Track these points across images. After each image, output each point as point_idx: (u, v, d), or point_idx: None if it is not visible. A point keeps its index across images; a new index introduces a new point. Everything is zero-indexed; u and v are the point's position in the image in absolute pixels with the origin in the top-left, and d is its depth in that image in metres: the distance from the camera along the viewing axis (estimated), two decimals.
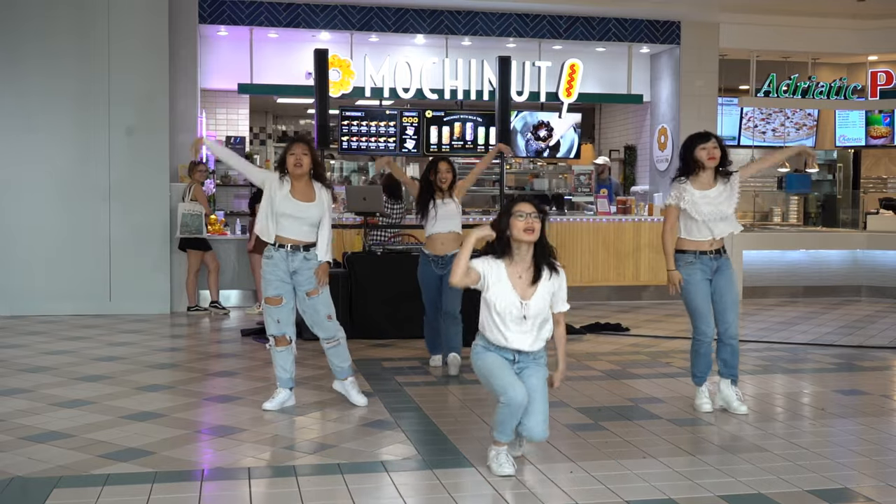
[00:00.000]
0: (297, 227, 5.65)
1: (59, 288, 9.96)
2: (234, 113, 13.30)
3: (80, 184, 10.03)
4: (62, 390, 6.26)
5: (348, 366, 5.90)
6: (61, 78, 9.97)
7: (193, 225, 10.03)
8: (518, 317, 4.40)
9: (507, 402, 4.32)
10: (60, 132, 10.00)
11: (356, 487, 4.26)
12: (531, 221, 4.38)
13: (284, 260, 5.65)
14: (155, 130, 10.18)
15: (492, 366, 4.43)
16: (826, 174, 15.02)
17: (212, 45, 11.70)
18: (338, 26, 11.27)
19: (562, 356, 4.62)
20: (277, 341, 5.78)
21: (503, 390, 4.33)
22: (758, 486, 4.31)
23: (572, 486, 4.30)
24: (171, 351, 8.13)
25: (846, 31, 12.55)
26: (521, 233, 4.39)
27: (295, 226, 5.64)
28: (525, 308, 4.40)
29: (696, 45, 12.11)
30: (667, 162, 12.33)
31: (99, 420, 5.45)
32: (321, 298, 5.77)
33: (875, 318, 10.37)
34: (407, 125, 11.69)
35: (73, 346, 8.03)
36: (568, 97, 12.02)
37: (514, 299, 4.40)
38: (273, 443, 5.02)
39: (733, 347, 5.74)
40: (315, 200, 5.66)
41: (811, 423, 5.65)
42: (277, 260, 5.65)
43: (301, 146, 5.64)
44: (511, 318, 4.41)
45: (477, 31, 11.62)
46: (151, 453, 4.77)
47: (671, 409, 5.86)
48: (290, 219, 5.61)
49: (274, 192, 5.62)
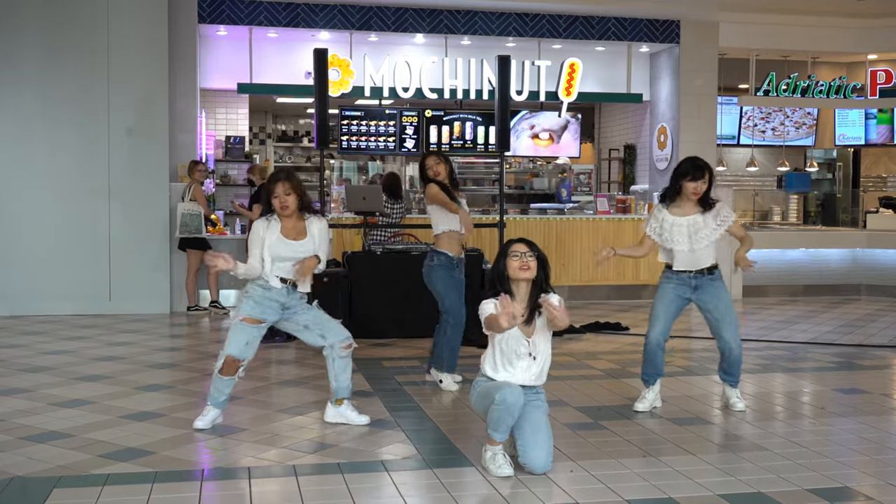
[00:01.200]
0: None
1: (59, 288, 9.96)
2: (233, 112, 13.30)
3: (79, 183, 10.03)
4: (62, 390, 6.26)
5: (350, 381, 5.55)
6: (60, 77, 9.97)
7: (192, 225, 10.03)
8: (525, 354, 4.50)
9: (500, 402, 4.32)
10: (60, 132, 10.00)
11: (356, 487, 4.26)
12: (526, 260, 4.47)
13: (284, 295, 5.37)
14: (154, 130, 10.18)
15: (489, 385, 4.48)
16: (826, 173, 15.04)
17: (211, 45, 11.70)
18: (337, 26, 11.27)
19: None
20: (226, 367, 5.28)
21: (497, 391, 4.35)
22: (758, 484, 4.31)
23: (572, 486, 4.30)
24: (171, 351, 8.13)
25: (846, 30, 12.55)
26: (516, 271, 4.48)
27: (291, 265, 5.37)
28: (532, 346, 4.49)
29: (695, 45, 12.12)
30: (666, 161, 12.33)
31: (99, 420, 5.45)
32: (315, 308, 5.54)
33: (875, 316, 10.38)
34: (406, 125, 11.67)
35: (72, 346, 8.03)
36: (567, 96, 12.02)
37: (520, 338, 4.48)
38: (273, 442, 5.02)
39: (736, 359, 5.77)
40: (307, 237, 5.40)
41: (811, 422, 5.65)
42: (276, 294, 5.34)
43: (283, 185, 5.31)
44: (517, 356, 4.50)
45: (476, 31, 11.63)
46: (151, 453, 4.77)
47: (671, 408, 5.86)
48: (286, 260, 5.34)
49: (264, 235, 5.33)
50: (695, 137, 12.08)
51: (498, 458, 4.45)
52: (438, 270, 6.41)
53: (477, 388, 4.58)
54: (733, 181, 14.59)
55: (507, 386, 4.37)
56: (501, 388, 4.36)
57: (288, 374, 7.14)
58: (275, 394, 6.34)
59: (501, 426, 4.39)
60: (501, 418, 4.36)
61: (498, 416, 4.36)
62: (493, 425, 4.40)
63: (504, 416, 4.36)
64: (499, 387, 4.39)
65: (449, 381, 6.39)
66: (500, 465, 4.42)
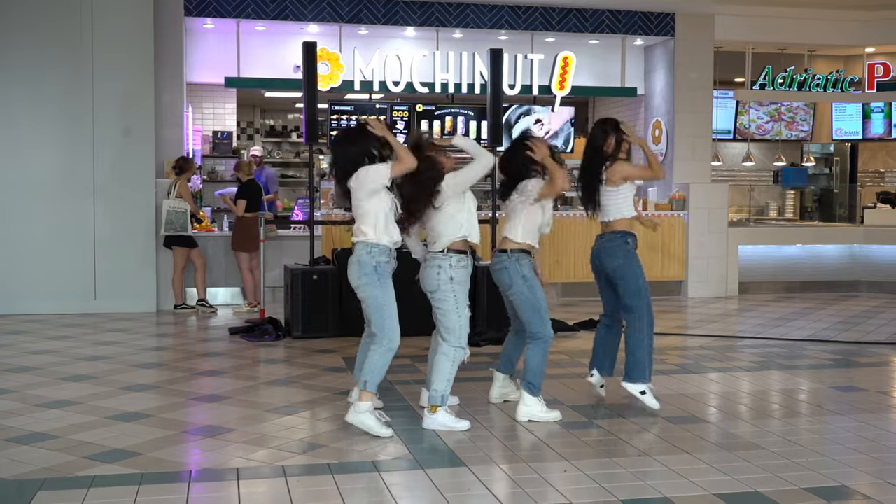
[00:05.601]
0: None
1: (43, 286, 9.93)
2: (220, 107, 13.26)
3: (63, 180, 9.99)
4: (47, 391, 6.24)
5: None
6: (44, 71, 9.92)
7: (178, 222, 10.01)
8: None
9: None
10: (44, 127, 9.96)
11: (347, 488, 4.26)
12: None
13: (471, 266, 5.54)
14: (140, 126, 10.14)
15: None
16: (823, 168, 15.08)
17: (198, 39, 11.66)
18: (326, 19, 11.24)
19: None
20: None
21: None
22: (754, 483, 4.33)
23: (566, 486, 4.31)
24: (158, 350, 8.11)
25: (843, 23, 12.58)
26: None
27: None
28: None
29: (690, 37, 12.13)
30: (661, 156, 12.34)
31: (84, 421, 5.44)
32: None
33: (873, 313, 10.42)
34: (397, 119, 11.68)
35: (57, 346, 8.01)
36: (561, 90, 12.02)
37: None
38: (262, 443, 5.02)
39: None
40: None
41: (808, 420, 5.67)
42: (470, 266, 5.50)
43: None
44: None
45: (468, 24, 11.61)
46: (138, 454, 4.77)
47: (666, 406, 5.87)
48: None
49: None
50: (690, 132, 12.09)
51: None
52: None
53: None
54: (729, 176, 14.63)
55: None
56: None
57: (277, 373, 7.14)
58: (263, 393, 6.34)
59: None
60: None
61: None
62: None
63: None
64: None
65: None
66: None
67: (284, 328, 8.63)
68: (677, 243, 11.79)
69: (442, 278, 5.36)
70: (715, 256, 11.87)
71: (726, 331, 9.17)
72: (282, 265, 9.64)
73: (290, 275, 8.58)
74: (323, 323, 8.47)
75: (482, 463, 4.67)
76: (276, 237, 10.56)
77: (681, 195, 11.91)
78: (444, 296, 5.36)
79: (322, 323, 8.47)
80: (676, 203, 11.88)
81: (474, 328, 8.30)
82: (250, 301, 10.33)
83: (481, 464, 4.65)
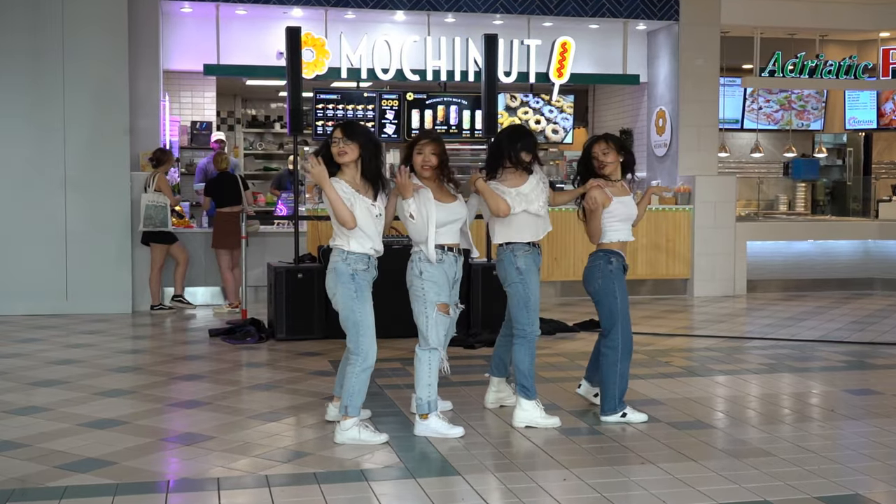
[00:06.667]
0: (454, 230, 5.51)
1: (11, 286, 9.89)
2: (199, 96, 13.24)
3: (33, 173, 9.95)
4: (15, 396, 6.23)
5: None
6: (11, 56, 9.87)
7: (158, 217, 9.98)
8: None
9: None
10: (10, 116, 9.91)
11: (334, 498, 4.26)
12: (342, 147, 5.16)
13: (453, 265, 5.46)
14: (113, 115, 10.10)
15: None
16: (835, 159, 15.10)
17: (175, 23, 11.63)
18: (311, 2, 11.21)
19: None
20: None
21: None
22: (763, 492, 4.34)
23: (566, 495, 4.31)
24: (134, 353, 8.10)
25: (856, 6, 12.59)
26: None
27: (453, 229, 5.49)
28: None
29: (696, 22, 12.13)
30: (665, 147, 12.37)
31: (56, 428, 5.42)
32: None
33: (888, 312, 10.45)
34: (386, 108, 11.67)
35: (26, 349, 7.99)
36: (559, 78, 12.02)
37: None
38: (244, 451, 5.01)
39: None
40: (457, 200, 5.53)
41: (820, 426, 5.69)
42: (447, 265, 5.41)
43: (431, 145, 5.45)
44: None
45: (461, 7, 11.60)
46: (113, 463, 4.76)
47: (670, 411, 5.89)
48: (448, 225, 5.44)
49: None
50: (695, 121, 12.10)
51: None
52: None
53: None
54: (737, 168, 14.65)
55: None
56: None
57: (260, 377, 7.13)
58: (245, 398, 6.33)
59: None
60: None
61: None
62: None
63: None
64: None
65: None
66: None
67: (267, 329, 8.62)
68: (682, 239, 11.80)
69: (413, 271, 5.41)
70: (722, 253, 11.89)
71: (734, 331, 9.19)
72: (265, 263, 9.63)
73: (273, 273, 8.57)
74: (308, 324, 8.46)
75: (477, 471, 4.67)
76: (259, 233, 10.55)
77: (686, 188, 11.93)
78: (414, 294, 5.38)
79: (307, 324, 8.46)
80: (681, 197, 11.89)
81: (468, 329, 8.33)
82: (231, 301, 10.32)
83: (476, 472, 4.65)
